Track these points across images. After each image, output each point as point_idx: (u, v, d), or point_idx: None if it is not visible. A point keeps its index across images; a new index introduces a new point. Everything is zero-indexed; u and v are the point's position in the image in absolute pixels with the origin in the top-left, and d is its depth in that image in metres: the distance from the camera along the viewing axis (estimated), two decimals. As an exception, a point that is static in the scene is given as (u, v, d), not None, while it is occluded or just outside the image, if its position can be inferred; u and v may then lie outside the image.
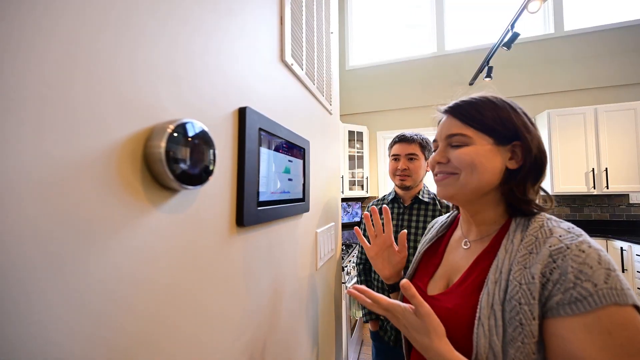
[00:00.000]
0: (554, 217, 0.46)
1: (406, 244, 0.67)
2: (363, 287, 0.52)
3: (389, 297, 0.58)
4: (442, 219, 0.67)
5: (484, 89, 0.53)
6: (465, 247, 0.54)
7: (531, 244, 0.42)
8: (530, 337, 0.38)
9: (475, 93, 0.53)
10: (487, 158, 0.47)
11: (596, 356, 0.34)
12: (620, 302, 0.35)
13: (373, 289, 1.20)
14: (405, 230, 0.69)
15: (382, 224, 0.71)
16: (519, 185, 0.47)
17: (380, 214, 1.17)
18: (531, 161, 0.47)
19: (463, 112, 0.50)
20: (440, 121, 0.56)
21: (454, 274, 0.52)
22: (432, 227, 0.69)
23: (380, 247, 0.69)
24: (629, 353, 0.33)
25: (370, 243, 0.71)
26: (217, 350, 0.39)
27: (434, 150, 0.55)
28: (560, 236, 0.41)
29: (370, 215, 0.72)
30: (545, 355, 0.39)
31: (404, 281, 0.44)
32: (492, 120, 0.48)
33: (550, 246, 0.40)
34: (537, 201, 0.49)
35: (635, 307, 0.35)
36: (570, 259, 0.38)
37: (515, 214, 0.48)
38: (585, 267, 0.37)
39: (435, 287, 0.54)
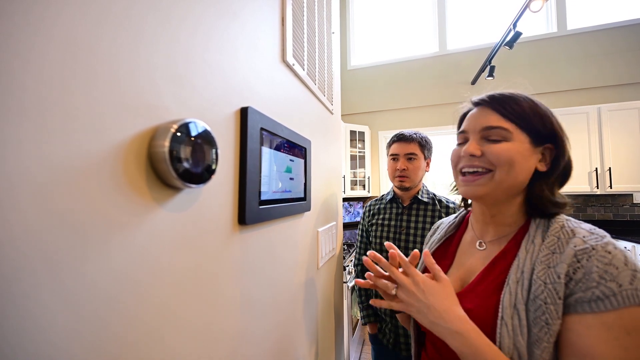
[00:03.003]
0: (572, 218, 0.46)
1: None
2: (378, 255, 0.51)
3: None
4: (449, 220, 0.66)
5: (515, 86, 0.51)
6: (480, 248, 0.53)
7: (553, 244, 0.42)
8: (556, 337, 0.38)
9: (504, 89, 0.50)
10: (524, 157, 0.46)
11: (609, 353, 0.35)
12: None
13: (371, 291, 1.20)
14: (390, 243, 0.60)
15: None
16: (551, 188, 0.47)
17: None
18: (564, 164, 0.47)
19: (504, 104, 0.47)
20: (466, 113, 0.53)
21: (469, 275, 0.51)
22: (438, 227, 0.68)
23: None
24: None
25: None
26: (216, 349, 0.40)
27: (460, 144, 0.52)
28: (584, 237, 0.41)
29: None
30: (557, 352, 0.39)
31: (426, 250, 0.45)
32: (535, 117, 0.46)
33: (575, 246, 0.40)
34: None
35: None
36: (595, 260, 0.38)
37: (534, 215, 0.48)
38: (611, 267, 0.37)
39: None
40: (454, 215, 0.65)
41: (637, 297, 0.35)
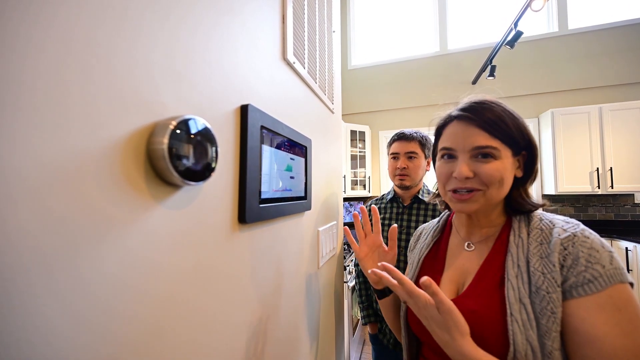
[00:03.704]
0: (543, 212, 0.51)
1: (396, 241, 0.63)
2: (390, 266, 0.47)
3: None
4: (431, 225, 0.66)
5: (486, 90, 0.53)
6: (469, 249, 0.54)
7: (539, 236, 0.45)
8: (561, 325, 0.40)
9: (475, 95, 0.52)
10: (509, 171, 0.48)
11: (610, 332, 0.37)
12: (624, 280, 0.39)
13: (371, 291, 1.19)
14: (395, 225, 0.64)
15: (372, 224, 0.68)
16: (526, 190, 0.51)
17: (370, 213, 1.16)
18: (535, 168, 0.51)
19: (489, 121, 0.47)
20: (445, 124, 0.53)
21: (464, 277, 0.52)
22: (421, 233, 0.68)
23: (370, 248, 0.65)
24: (637, 326, 0.37)
25: (359, 244, 0.67)
26: (216, 350, 0.40)
27: (443, 157, 0.52)
28: (562, 227, 0.44)
29: (360, 215, 0.68)
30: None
31: (425, 278, 0.40)
32: (516, 131, 0.48)
33: (559, 235, 0.43)
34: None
35: (630, 284, 0.40)
36: (579, 245, 0.41)
37: (514, 213, 0.51)
38: (593, 251, 0.40)
39: (445, 291, 0.53)
40: (436, 220, 0.66)
41: (618, 275, 0.39)
